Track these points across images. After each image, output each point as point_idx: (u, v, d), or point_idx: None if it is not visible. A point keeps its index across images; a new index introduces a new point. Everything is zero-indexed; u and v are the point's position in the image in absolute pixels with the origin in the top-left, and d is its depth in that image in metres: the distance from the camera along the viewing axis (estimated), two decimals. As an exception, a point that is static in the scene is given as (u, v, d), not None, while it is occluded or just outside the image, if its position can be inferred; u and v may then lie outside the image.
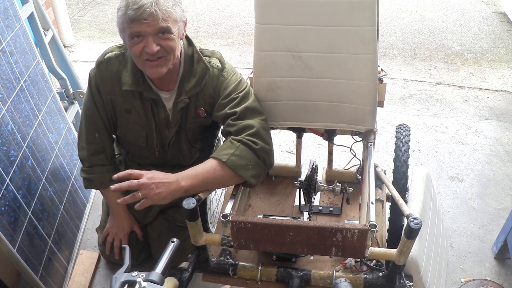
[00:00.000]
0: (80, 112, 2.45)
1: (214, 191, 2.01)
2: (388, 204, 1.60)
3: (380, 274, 1.33)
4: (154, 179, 1.32)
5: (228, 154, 1.40)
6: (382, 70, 1.70)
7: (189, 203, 1.20)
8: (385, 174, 1.61)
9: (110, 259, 2.01)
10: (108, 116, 1.68)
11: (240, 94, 1.55)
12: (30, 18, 2.19)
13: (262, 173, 1.47)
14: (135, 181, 1.30)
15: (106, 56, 1.62)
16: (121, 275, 0.92)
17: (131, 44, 1.44)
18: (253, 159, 1.42)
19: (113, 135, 1.78)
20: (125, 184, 1.30)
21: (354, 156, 1.80)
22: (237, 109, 1.51)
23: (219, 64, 1.61)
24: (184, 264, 1.37)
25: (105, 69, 1.61)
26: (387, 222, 1.51)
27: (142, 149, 1.75)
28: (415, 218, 1.11)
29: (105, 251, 1.91)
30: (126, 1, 1.38)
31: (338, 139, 1.80)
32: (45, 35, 2.34)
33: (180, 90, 1.60)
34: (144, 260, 1.95)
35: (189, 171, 1.38)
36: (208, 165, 1.40)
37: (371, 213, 1.24)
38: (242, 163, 1.40)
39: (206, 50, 1.63)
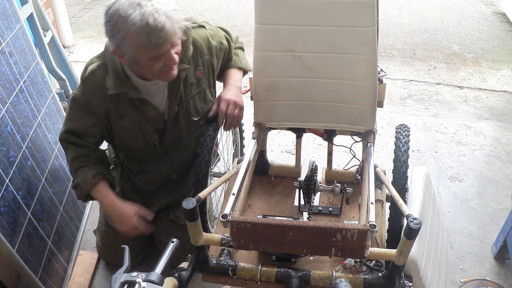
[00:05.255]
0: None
1: (214, 191, 2.00)
2: (387, 204, 1.60)
3: (380, 274, 1.33)
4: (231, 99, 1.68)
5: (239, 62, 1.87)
6: (381, 70, 1.70)
7: (189, 203, 1.20)
8: (385, 174, 1.61)
9: (109, 261, 2.01)
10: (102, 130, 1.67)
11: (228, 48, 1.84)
12: (30, 18, 2.19)
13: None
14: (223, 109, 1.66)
15: (89, 70, 1.60)
16: (121, 276, 0.92)
17: (150, 64, 1.44)
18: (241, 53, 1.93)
19: (108, 143, 1.78)
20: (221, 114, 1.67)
21: (354, 156, 1.80)
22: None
23: (196, 23, 1.67)
24: (184, 264, 1.37)
25: (92, 83, 1.59)
26: (387, 222, 1.51)
27: (142, 150, 1.75)
28: (414, 219, 1.11)
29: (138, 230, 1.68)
30: (144, 29, 1.35)
31: (337, 139, 1.80)
32: (45, 35, 2.34)
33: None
34: (142, 260, 1.95)
35: (231, 82, 1.76)
36: (237, 73, 1.83)
37: (370, 213, 1.24)
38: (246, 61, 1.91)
39: None
